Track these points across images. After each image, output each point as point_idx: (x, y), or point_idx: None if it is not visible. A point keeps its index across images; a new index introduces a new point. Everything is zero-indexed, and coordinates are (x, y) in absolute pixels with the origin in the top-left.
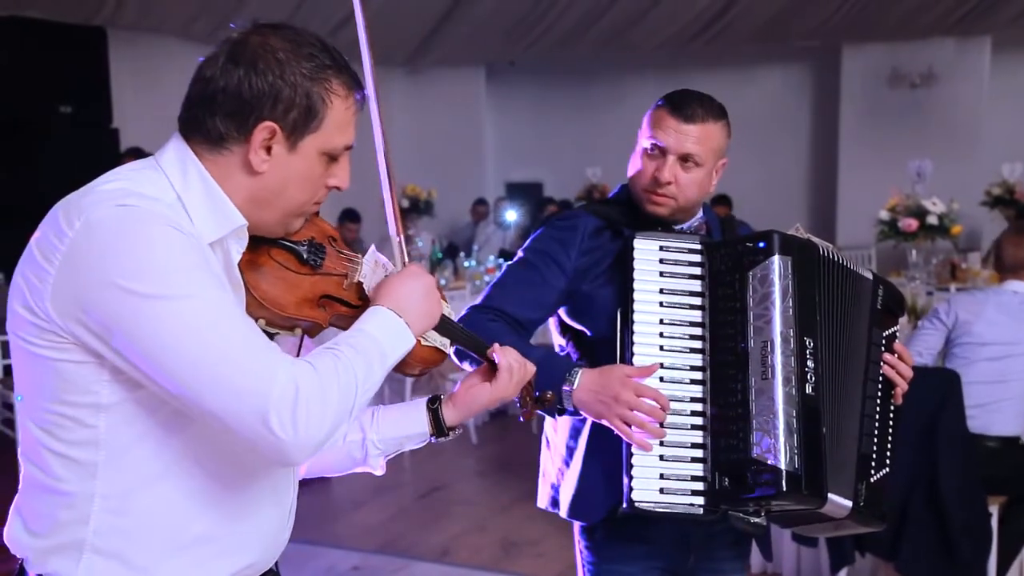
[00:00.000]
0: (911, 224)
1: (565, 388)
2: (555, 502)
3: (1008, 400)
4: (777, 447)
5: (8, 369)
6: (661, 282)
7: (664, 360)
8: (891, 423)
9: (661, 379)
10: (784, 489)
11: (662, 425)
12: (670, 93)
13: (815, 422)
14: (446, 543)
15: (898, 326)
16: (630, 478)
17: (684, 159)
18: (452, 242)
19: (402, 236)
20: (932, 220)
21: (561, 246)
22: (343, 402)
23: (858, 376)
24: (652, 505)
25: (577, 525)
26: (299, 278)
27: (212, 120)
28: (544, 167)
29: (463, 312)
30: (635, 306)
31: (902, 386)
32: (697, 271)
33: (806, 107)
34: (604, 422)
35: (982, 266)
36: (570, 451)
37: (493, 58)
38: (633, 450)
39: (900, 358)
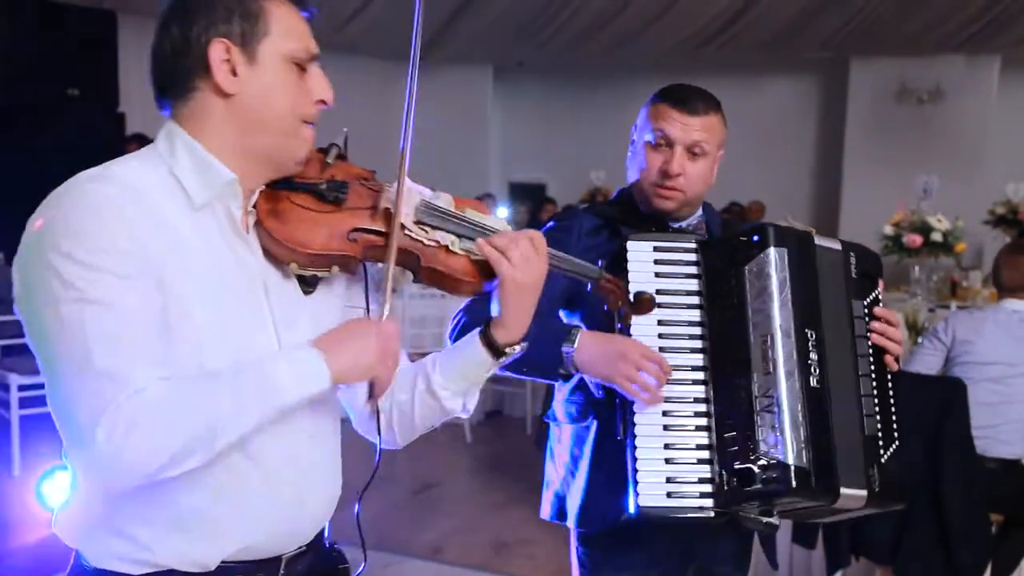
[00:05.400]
0: (915, 240)
1: (566, 349)
2: (561, 512)
3: (1010, 423)
4: (784, 442)
5: (4, 350)
6: (657, 283)
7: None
8: (891, 394)
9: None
10: (794, 485)
11: (665, 415)
12: (665, 89)
13: (822, 415)
14: (438, 541)
15: (879, 288)
16: (636, 483)
17: (691, 149)
18: None
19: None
20: (936, 237)
21: (557, 247)
22: (190, 434)
23: (850, 357)
24: (661, 510)
25: (574, 531)
26: (322, 216)
27: (171, 69)
28: (548, 168)
29: (461, 307)
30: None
31: (894, 350)
32: (693, 270)
33: (812, 119)
34: (609, 382)
35: (983, 285)
36: (575, 460)
37: (501, 58)
38: (638, 454)
39: (886, 321)
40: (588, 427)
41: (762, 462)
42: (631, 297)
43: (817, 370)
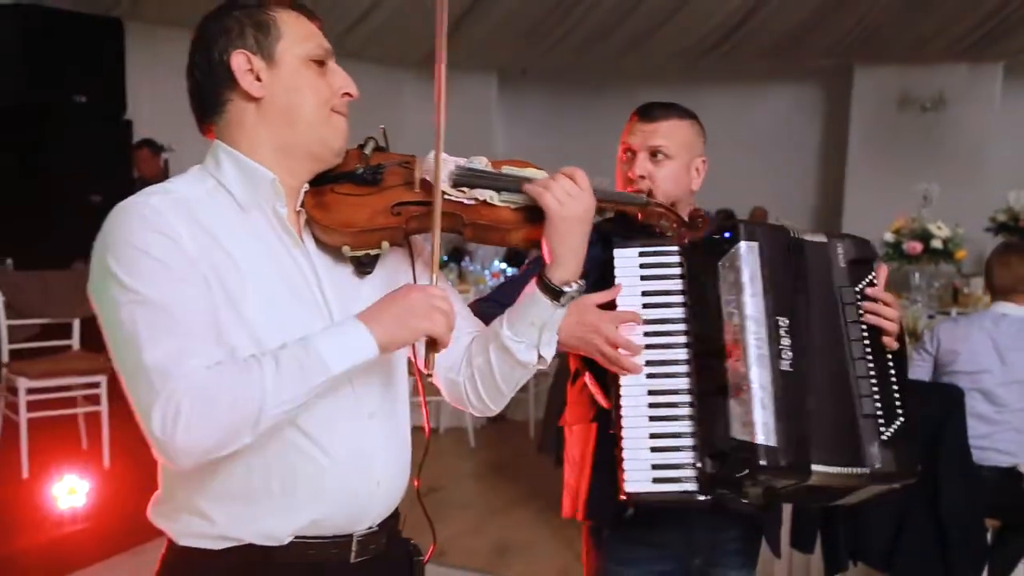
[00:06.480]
0: (916, 247)
1: None
2: (576, 509)
3: (1005, 432)
4: (754, 424)
5: (13, 354)
6: (643, 285)
7: (649, 357)
8: (892, 372)
9: (648, 376)
10: (762, 464)
11: (651, 407)
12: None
13: (794, 398)
14: (441, 544)
15: (874, 272)
16: (622, 471)
17: (653, 154)
18: (457, 246)
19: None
20: (936, 244)
21: None
22: (236, 415)
23: (840, 341)
24: (647, 495)
25: (585, 528)
26: (363, 198)
27: (204, 92)
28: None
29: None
30: (619, 310)
31: (890, 327)
32: (678, 271)
33: (816, 126)
34: (588, 354)
35: (984, 292)
36: (583, 457)
37: (505, 65)
38: (625, 444)
39: (880, 301)
40: (595, 427)
41: (735, 444)
42: (684, 218)
43: (790, 354)
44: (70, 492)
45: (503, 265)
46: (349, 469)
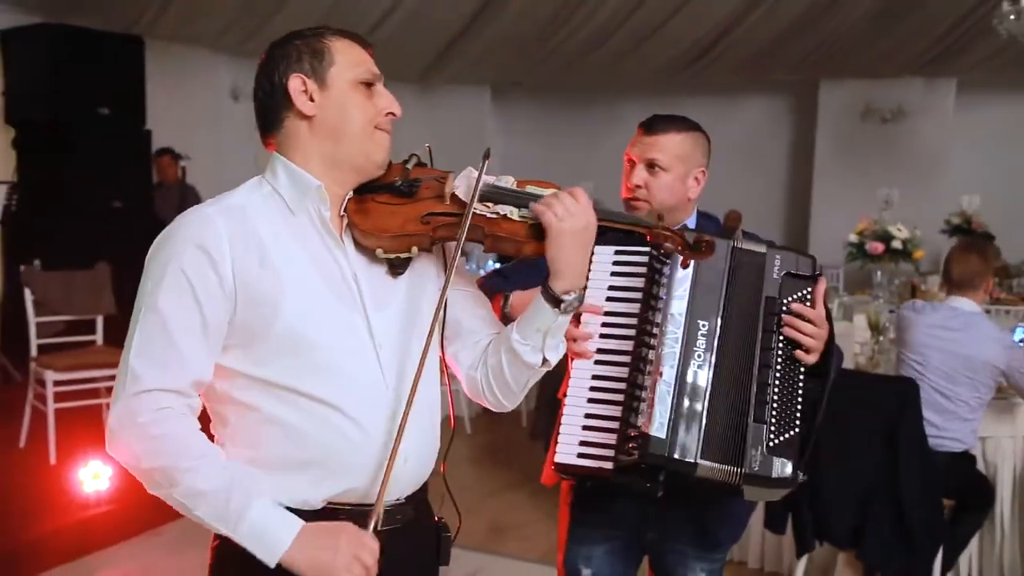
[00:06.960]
0: (877, 247)
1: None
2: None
3: (954, 423)
4: (651, 416)
5: (41, 348)
6: (611, 280)
7: (601, 346)
8: (800, 385)
9: (596, 362)
10: (651, 452)
11: (592, 390)
12: None
13: (693, 396)
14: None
15: (810, 287)
16: (556, 443)
17: (650, 166)
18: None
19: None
20: (896, 245)
21: None
22: (155, 465)
23: (751, 348)
24: (570, 467)
25: (564, 492)
26: (398, 207)
27: (265, 109)
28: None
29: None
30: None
31: (806, 343)
32: (643, 270)
33: (785, 136)
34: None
35: (940, 289)
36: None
37: (499, 78)
38: (563, 420)
39: (802, 317)
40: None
41: (633, 432)
42: (690, 241)
43: (701, 356)
44: (94, 477)
45: (497, 266)
46: (380, 446)
